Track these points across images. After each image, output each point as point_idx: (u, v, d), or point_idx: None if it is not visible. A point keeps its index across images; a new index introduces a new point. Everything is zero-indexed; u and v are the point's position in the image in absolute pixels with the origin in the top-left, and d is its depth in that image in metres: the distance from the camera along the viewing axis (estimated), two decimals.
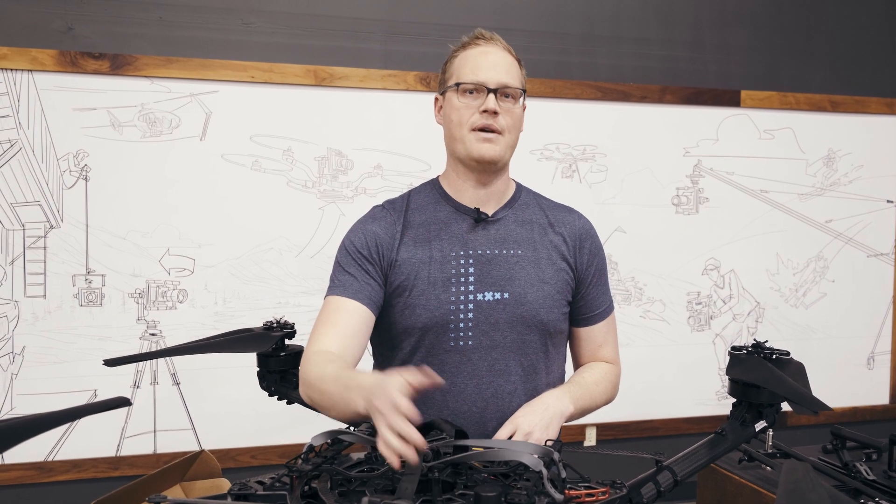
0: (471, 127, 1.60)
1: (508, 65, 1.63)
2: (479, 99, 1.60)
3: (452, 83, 1.63)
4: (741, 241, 3.44)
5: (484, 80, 1.59)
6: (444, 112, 1.66)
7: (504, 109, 1.60)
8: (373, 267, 1.61)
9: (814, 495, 0.88)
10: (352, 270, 1.61)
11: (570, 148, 3.20)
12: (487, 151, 1.59)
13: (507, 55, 1.65)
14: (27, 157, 2.67)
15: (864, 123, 3.55)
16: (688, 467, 1.37)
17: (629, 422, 3.32)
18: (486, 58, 1.61)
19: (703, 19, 3.35)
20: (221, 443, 2.90)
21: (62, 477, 2.74)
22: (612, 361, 1.80)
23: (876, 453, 2.06)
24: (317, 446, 1.26)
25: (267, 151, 2.89)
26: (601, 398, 1.72)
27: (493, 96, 1.58)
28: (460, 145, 1.62)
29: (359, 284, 1.59)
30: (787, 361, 1.53)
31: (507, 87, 1.60)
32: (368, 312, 1.57)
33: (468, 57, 1.63)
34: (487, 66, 1.60)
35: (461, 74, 1.62)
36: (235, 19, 2.85)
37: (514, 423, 1.53)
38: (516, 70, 1.65)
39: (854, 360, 3.64)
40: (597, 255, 1.74)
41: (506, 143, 1.62)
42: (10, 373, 2.68)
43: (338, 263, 1.64)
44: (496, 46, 1.65)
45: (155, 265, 2.80)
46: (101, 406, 1.21)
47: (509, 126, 1.61)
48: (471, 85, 1.59)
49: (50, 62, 2.66)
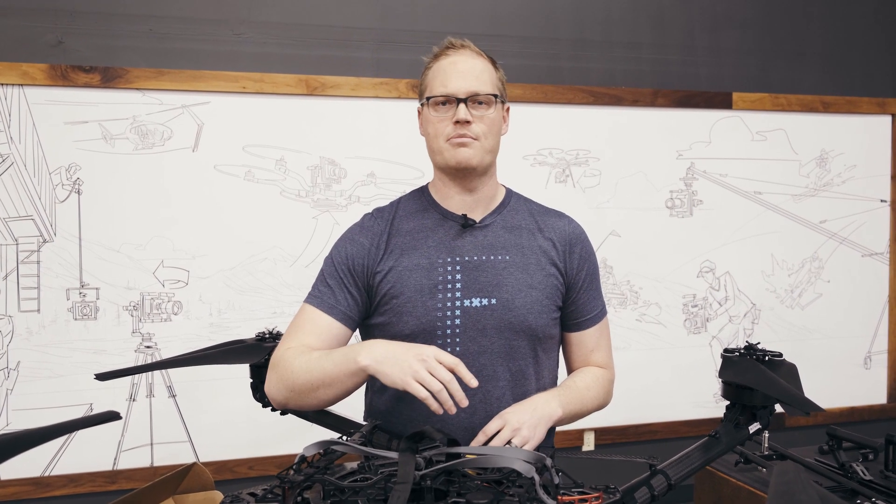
0: (446, 138, 1.61)
1: (479, 71, 1.62)
2: (451, 110, 1.60)
3: (425, 97, 1.64)
4: (736, 242, 3.44)
5: (453, 91, 1.59)
6: (423, 125, 1.68)
7: (477, 117, 1.60)
8: (353, 280, 1.64)
9: (804, 497, 0.88)
10: (331, 283, 1.65)
11: (564, 153, 3.20)
12: (464, 156, 1.60)
13: (477, 60, 1.64)
14: (19, 172, 2.67)
15: (857, 123, 3.56)
16: (682, 471, 1.37)
17: (627, 426, 3.32)
18: (455, 67, 1.61)
19: (694, 22, 3.35)
20: (219, 454, 2.89)
21: (59, 492, 2.73)
22: (604, 366, 1.80)
23: (872, 453, 2.05)
24: (309, 456, 1.25)
25: (260, 161, 2.89)
26: (592, 403, 1.72)
27: (464, 106, 1.58)
28: (439, 156, 1.64)
29: (335, 299, 1.63)
30: (780, 363, 1.53)
31: (476, 95, 1.60)
32: (341, 328, 1.62)
33: (439, 69, 1.63)
34: (456, 76, 1.60)
35: (432, 87, 1.63)
36: (226, 30, 2.85)
37: (503, 418, 1.53)
38: (489, 74, 1.64)
39: (851, 359, 3.64)
40: (587, 260, 1.74)
41: (482, 148, 1.62)
42: (6, 388, 2.68)
43: (322, 272, 1.68)
44: (465, 53, 1.64)
45: (149, 277, 2.80)
46: (91, 420, 1.21)
47: (484, 132, 1.61)
48: (441, 97, 1.60)
49: (41, 76, 2.66)
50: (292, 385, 1.52)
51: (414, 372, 1.36)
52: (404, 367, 1.37)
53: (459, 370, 1.38)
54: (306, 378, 1.50)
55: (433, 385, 1.35)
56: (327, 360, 1.49)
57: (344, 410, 1.91)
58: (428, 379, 1.35)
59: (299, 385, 1.51)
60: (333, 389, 1.49)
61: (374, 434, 1.52)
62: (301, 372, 1.51)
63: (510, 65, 3.09)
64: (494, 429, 1.51)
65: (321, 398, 1.52)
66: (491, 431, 1.51)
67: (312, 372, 1.49)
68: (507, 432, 1.49)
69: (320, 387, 1.49)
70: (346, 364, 1.45)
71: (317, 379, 1.49)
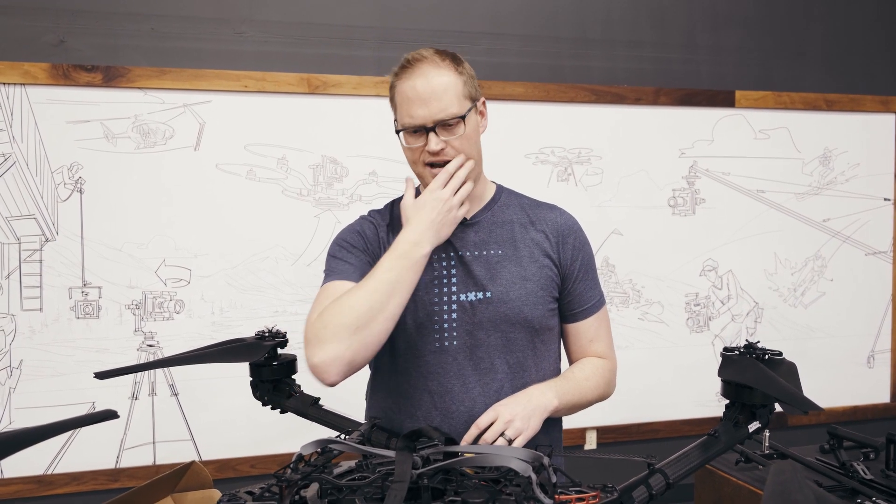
0: (423, 163, 1.61)
1: (443, 90, 1.56)
2: (422, 138, 1.59)
3: (397, 127, 1.63)
4: (738, 241, 3.43)
5: (420, 122, 1.56)
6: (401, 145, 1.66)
7: (448, 140, 1.58)
8: (366, 255, 1.65)
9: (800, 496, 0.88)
10: (346, 257, 1.65)
11: (566, 151, 3.20)
12: None
13: (439, 77, 1.57)
14: (21, 171, 2.67)
15: (860, 122, 3.55)
16: (680, 470, 1.36)
17: (629, 424, 3.31)
18: (416, 92, 1.56)
19: (696, 20, 3.34)
20: (221, 452, 2.89)
21: (62, 490, 2.74)
22: (605, 356, 1.79)
23: (873, 452, 2.05)
24: (306, 455, 1.26)
25: (261, 160, 2.89)
26: (592, 393, 1.71)
27: (434, 135, 1.57)
28: (422, 179, 1.66)
29: (354, 268, 1.61)
30: (780, 362, 1.52)
31: (443, 121, 1.56)
32: None
33: (402, 94, 1.59)
34: (419, 103, 1.56)
35: (401, 116, 1.60)
36: (228, 29, 2.85)
37: (495, 411, 1.53)
38: (453, 90, 1.58)
39: (854, 358, 3.63)
40: (581, 250, 1.74)
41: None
42: (8, 387, 2.68)
43: (332, 256, 1.68)
44: (423, 70, 1.57)
45: (151, 276, 2.80)
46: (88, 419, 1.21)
47: (458, 150, 1.60)
48: (410, 128, 1.59)
49: (42, 75, 2.66)
50: (356, 320, 1.42)
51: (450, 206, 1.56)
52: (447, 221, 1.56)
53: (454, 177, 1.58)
54: (370, 299, 1.43)
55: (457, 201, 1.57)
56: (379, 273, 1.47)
57: (345, 410, 1.92)
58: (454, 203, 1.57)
59: (365, 312, 1.42)
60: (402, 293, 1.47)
61: (373, 432, 1.52)
62: (360, 300, 1.43)
63: (511, 63, 3.10)
64: (487, 421, 1.52)
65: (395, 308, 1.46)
66: (483, 424, 1.51)
67: (371, 292, 1.44)
68: (500, 425, 1.50)
69: (393, 296, 1.44)
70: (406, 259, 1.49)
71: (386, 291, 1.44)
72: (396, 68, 1.62)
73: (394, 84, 1.62)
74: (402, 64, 1.61)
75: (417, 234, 1.51)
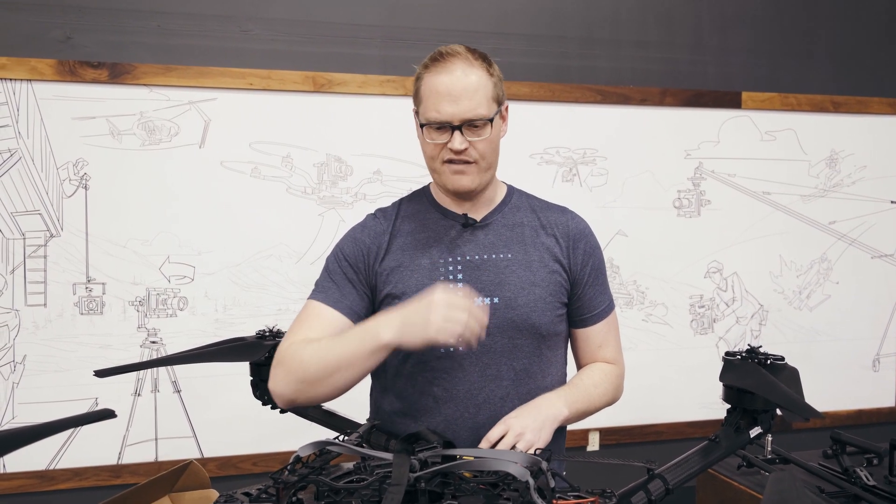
0: (442, 160, 1.59)
1: (473, 90, 1.54)
2: (445, 135, 1.56)
3: (420, 120, 1.60)
4: (744, 243, 3.42)
5: (447, 118, 1.54)
6: (420, 140, 1.64)
7: (473, 141, 1.56)
8: (357, 276, 1.63)
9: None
10: (336, 279, 1.64)
11: (571, 151, 3.19)
12: (461, 183, 1.60)
13: (470, 76, 1.55)
14: (27, 167, 2.68)
15: (867, 124, 3.53)
16: (680, 475, 1.36)
17: (633, 426, 3.31)
18: (447, 88, 1.53)
19: (703, 21, 3.33)
20: (223, 450, 2.89)
21: (64, 485, 2.74)
22: (613, 362, 1.78)
23: (876, 458, 2.04)
24: (304, 457, 1.25)
25: (266, 158, 2.89)
26: (601, 400, 1.70)
27: (459, 133, 1.55)
28: (436, 176, 1.64)
29: (340, 294, 1.61)
30: (782, 367, 1.52)
31: (471, 121, 1.54)
32: (347, 322, 1.59)
33: (431, 88, 1.56)
34: (449, 100, 1.53)
35: (426, 110, 1.57)
36: (234, 27, 2.85)
37: (505, 424, 1.52)
38: (483, 90, 1.56)
39: (859, 362, 3.61)
40: (592, 255, 1.73)
41: (480, 170, 1.61)
42: (12, 382, 2.69)
43: (326, 269, 1.68)
44: (457, 67, 1.55)
45: (155, 273, 2.80)
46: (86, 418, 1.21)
47: (481, 153, 1.58)
48: (435, 123, 1.56)
49: (49, 72, 2.66)
50: (303, 376, 1.47)
51: (434, 325, 1.38)
52: (423, 324, 1.39)
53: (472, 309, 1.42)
54: (319, 365, 1.46)
55: (455, 329, 1.38)
56: (341, 344, 1.47)
57: (348, 410, 1.92)
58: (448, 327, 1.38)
59: (311, 374, 1.47)
60: (352, 371, 1.45)
61: (372, 434, 1.52)
62: (313, 360, 1.47)
63: (517, 63, 3.09)
64: (497, 435, 1.49)
65: (337, 384, 1.47)
66: (494, 438, 1.49)
67: (326, 357, 1.46)
68: (511, 438, 1.48)
69: (336, 371, 1.45)
70: (365, 343, 1.43)
71: (332, 364, 1.45)
72: (427, 60, 1.59)
73: (421, 76, 1.59)
74: (434, 56, 1.58)
75: (392, 322, 1.44)
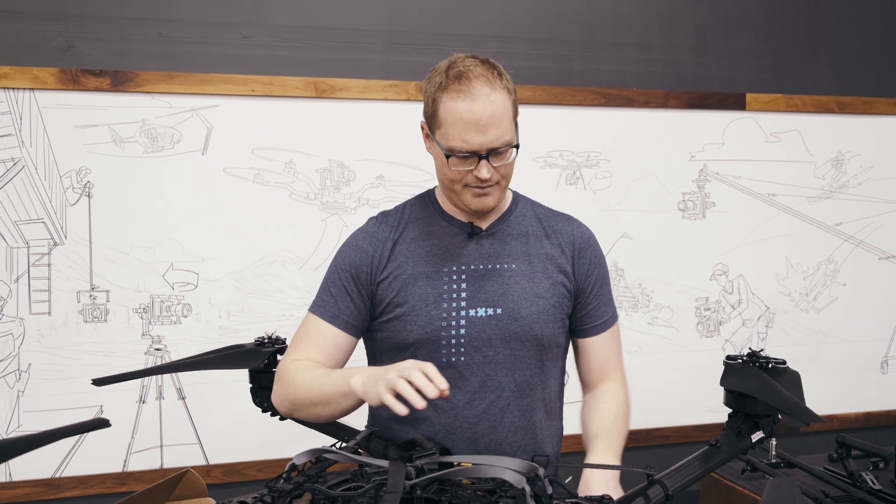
0: (463, 184, 1.56)
1: (500, 115, 1.49)
2: (470, 162, 1.52)
3: (443, 147, 1.53)
4: (749, 245, 3.40)
5: (475, 149, 1.49)
6: (435, 161, 1.61)
7: (497, 167, 1.54)
8: (357, 288, 1.63)
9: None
10: (335, 291, 1.64)
11: (574, 155, 3.18)
12: (484, 204, 1.59)
13: (494, 103, 1.48)
14: (30, 175, 2.69)
15: (873, 124, 3.51)
16: (680, 481, 1.35)
17: (638, 430, 3.29)
18: (474, 117, 1.47)
19: (706, 23, 3.32)
20: (228, 457, 2.89)
21: (70, 493, 2.75)
22: (618, 378, 1.77)
23: (882, 462, 2.02)
24: (299, 465, 1.25)
25: (268, 164, 2.89)
26: (626, 432, 1.74)
27: (486, 162, 1.51)
28: (455, 196, 1.61)
29: (338, 308, 1.63)
30: (783, 370, 1.50)
31: (498, 150, 1.51)
32: (346, 337, 1.63)
33: (454, 115, 1.49)
34: (476, 131, 1.48)
35: (448, 138, 1.51)
36: (235, 33, 2.86)
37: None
38: (506, 113, 1.51)
39: (867, 364, 3.59)
40: (597, 265, 1.71)
41: (501, 188, 1.60)
42: (17, 390, 2.70)
43: (326, 279, 1.67)
44: (480, 95, 1.48)
45: (159, 280, 2.81)
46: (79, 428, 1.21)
47: (504, 174, 1.57)
48: (461, 153, 1.51)
49: (51, 80, 2.67)
50: (294, 399, 1.57)
51: (387, 383, 1.33)
52: (379, 383, 1.35)
53: (429, 372, 1.33)
54: (306, 395, 1.54)
55: (402, 389, 1.30)
56: (325, 380, 1.52)
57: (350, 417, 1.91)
58: (398, 384, 1.31)
59: (300, 401, 1.56)
60: (330, 408, 1.52)
61: (372, 441, 1.51)
62: (302, 388, 1.55)
63: (520, 66, 3.09)
64: None
65: (319, 415, 1.56)
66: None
67: (312, 390, 1.53)
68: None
69: (318, 404, 1.53)
70: (340, 386, 1.47)
71: (315, 397, 1.52)
72: (443, 78, 1.50)
73: (440, 99, 1.51)
74: (453, 77, 1.49)
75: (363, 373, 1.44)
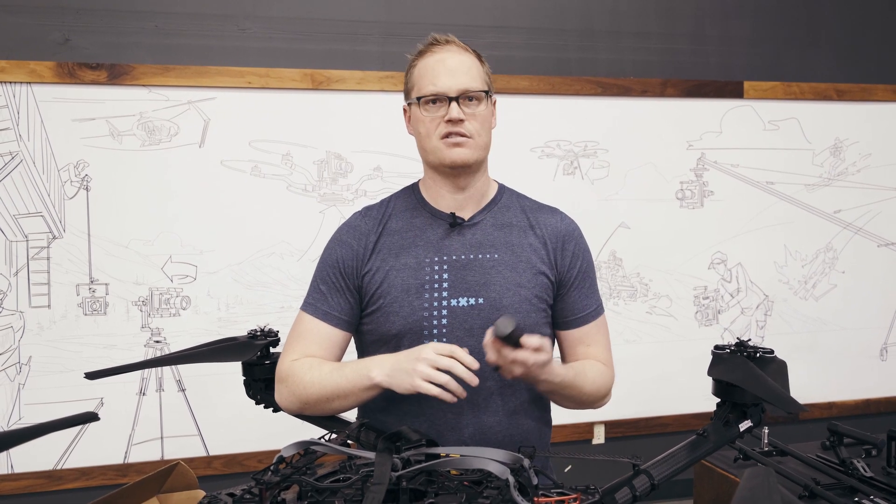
0: (439, 136, 1.60)
1: (468, 67, 1.61)
2: (442, 108, 1.59)
3: (414, 97, 1.63)
4: (748, 233, 3.40)
5: (444, 90, 1.58)
6: (413, 124, 1.67)
7: (469, 114, 1.59)
8: (345, 283, 1.64)
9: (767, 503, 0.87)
10: (324, 288, 1.66)
11: (571, 145, 3.18)
12: (459, 156, 1.59)
13: (464, 56, 1.62)
14: (28, 169, 2.70)
15: (871, 111, 3.50)
16: (666, 470, 1.36)
17: (638, 418, 3.30)
18: (443, 65, 1.60)
19: (704, 11, 3.31)
20: (228, 448, 2.92)
21: (71, 485, 2.77)
22: (604, 362, 1.77)
23: (874, 449, 2.03)
24: (287, 457, 1.26)
25: (266, 156, 2.90)
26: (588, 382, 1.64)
27: (456, 104, 1.57)
28: (432, 155, 1.63)
29: (328, 305, 1.64)
30: (770, 360, 1.51)
31: (468, 92, 1.59)
32: (339, 333, 1.65)
33: (426, 67, 1.62)
34: (446, 74, 1.58)
35: (421, 86, 1.61)
36: (232, 25, 2.86)
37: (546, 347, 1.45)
38: (477, 70, 1.63)
39: (866, 351, 3.59)
40: (580, 257, 1.71)
41: (476, 145, 1.61)
42: (17, 383, 2.72)
43: (315, 276, 1.69)
44: (452, 50, 1.62)
45: (157, 273, 2.82)
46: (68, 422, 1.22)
47: (477, 129, 1.60)
48: (431, 96, 1.59)
49: (48, 74, 2.68)
50: (306, 398, 1.58)
51: (419, 373, 1.39)
52: (410, 372, 1.41)
53: (458, 354, 1.41)
54: (318, 392, 1.55)
55: (439, 378, 1.38)
56: (339, 376, 1.53)
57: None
58: (433, 374, 1.39)
59: (314, 398, 1.56)
60: (349, 401, 1.55)
61: (362, 433, 1.52)
62: (312, 386, 1.56)
63: (517, 56, 3.09)
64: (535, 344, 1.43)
65: (335, 409, 1.58)
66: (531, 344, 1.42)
67: (325, 386, 1.54)
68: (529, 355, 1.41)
69: (334, 399, 1.54)
70: (359, 380, 1.50)
71: (329, 392, 1.54)
72: (421, 46, 1.65)
73: (414, 63, 1.65)
74: (430, 41, 1.64)
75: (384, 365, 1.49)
